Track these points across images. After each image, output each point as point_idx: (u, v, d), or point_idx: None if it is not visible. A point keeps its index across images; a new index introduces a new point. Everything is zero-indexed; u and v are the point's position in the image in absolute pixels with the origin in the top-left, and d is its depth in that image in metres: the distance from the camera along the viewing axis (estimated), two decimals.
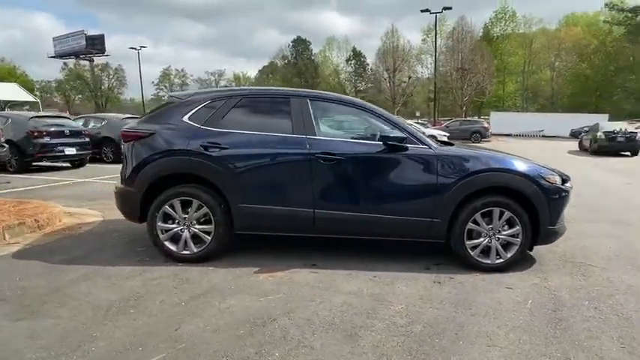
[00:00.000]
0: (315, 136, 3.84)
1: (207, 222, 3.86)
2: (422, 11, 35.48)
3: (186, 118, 3.92)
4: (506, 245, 3.82)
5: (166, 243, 3.89)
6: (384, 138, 3.69)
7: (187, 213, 3.86)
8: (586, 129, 34.06)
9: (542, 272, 3.83)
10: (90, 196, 7.32)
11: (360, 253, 4.21)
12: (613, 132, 17.17)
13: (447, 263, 3.97)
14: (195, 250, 3.87)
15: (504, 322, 2.89)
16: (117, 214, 5.74)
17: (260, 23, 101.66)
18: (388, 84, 41.58)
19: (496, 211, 3.75)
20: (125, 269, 3.73)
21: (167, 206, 3.83)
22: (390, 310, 3.04)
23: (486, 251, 3.82)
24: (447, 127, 29.02)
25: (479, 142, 26.28)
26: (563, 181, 3.94)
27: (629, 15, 49.20)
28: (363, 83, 65.92)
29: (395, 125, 3.91)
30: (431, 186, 3.75)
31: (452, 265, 3.91)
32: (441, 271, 3.79)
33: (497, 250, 3.80)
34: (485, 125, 29.54)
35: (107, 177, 9.93)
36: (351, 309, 3.03)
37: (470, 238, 3.80)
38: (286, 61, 71.52)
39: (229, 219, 3.86)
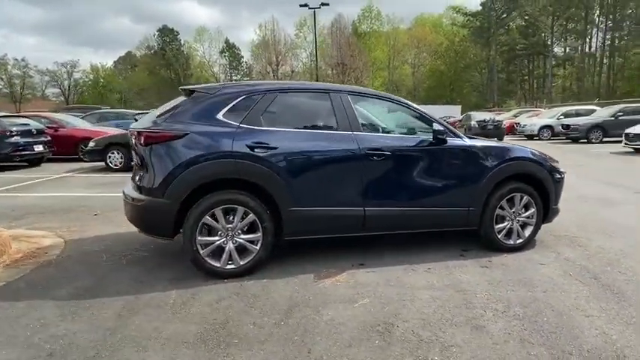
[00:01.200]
0: (361, 132, 3.74)
1: (252, 230, 3.49)
2: (301, 6, 36.20)
3: (220, 116, 3.45)
4: (523, 226, 4.24)
5: (207, 259, 3.40)
6: (436, 132, 3.76)
7: (230, 222, 3.42)
8: (447, 118, 38.88)
9: (550, 247, 4.33)
10: (6, 214, 5.92)
11: (393, 247, 4.24)
12: (484, 121, 19.94)
13: (472, 248, 4.24)
14: (241, 263, 3.46)
15: (574, 294, 3.23)
16: (77, 234, 4.85)
17: (107, 10, 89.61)
18: (272, 77, 41.65)
19: (517, 196, 4.14)
20: (169, 295, 3.17)
21: (208, 216, 3.35)
22: (478, 298, 3.16)
23: (508, 233, 4.19)
24: None
25: None
26: None
27: (471, 19, 57.16)
28: (239, 76, 64.66)
29: (431, 119, 4.02)
30: (469, 176, 3.96)
31: (477, 250, 4.19)
32: (475, 257, 4.03)
33: (517, 232, 4.20)
34: None
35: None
36: (446, 303, 3.07)
37: (496, 222, 4.13)
38: (152, 51, 66.18)
39: (278, 225, 3.54)
